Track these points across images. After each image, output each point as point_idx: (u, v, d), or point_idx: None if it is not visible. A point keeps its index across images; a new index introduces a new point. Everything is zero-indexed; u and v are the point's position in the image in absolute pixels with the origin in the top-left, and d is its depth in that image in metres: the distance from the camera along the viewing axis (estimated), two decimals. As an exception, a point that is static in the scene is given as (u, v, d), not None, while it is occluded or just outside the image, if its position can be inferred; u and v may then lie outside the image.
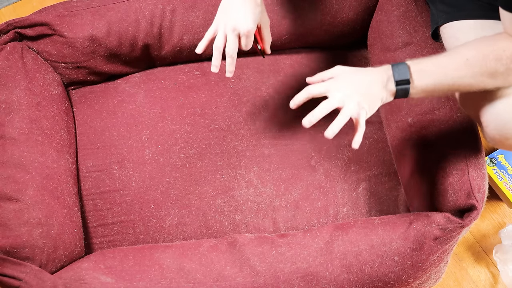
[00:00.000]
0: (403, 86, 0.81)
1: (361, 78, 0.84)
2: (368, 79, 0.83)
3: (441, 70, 0.81)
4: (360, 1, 1.17)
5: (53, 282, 0.83)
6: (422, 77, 0.81)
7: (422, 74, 0.81)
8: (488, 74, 0.79)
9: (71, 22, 1.08)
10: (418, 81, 0.81)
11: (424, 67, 0.82)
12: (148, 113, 1.14)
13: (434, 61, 0.82)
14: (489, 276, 1.23)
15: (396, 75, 0.81)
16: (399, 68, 0.81)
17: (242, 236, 0.95)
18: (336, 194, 1.08)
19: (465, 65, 0.79)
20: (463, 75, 0.80)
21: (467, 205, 0.89)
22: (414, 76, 0.81)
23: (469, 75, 0.79)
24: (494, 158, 1.31)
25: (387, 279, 0.90)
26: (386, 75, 0.82)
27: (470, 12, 0.95)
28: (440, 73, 0.81)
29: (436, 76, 0.81)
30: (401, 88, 0.81)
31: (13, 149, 0.93)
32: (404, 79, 0.81)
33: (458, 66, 0.80)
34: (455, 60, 0.81)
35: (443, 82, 0.81)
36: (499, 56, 0.78)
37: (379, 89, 0.82)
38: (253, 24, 0.90)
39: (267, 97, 1.18)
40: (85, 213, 1.05)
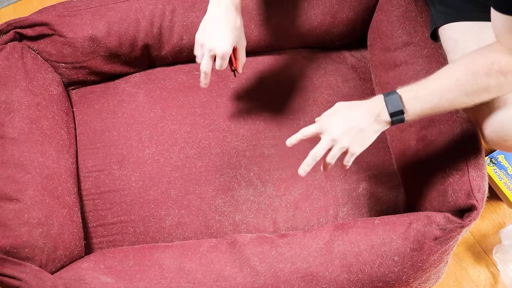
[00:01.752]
0: (397, 116, 0.83)
1: (354, 115, 0.86)
2: (361, 115, 0.85)
3: (434, 94, 0.81)
4: (360, 1, 1.17)
5: (53, 282, 0.83)
6: (415, 104, 0.82)
7: (415, 102, 0.82)
8: (481, 90, 0.79)
9: (71, 22, 1.08)
10: (412, 109, 0.82)
11: (416, 94, 0.82)
12: (148, 113, 1.14)
13: (425, 86, 0.82)
14: (489, 276, 1.23)
15: (389, 107, 0.83)
16: (391, 99, 0.83)
17: (242, 236, 0.95)
18: (336, 194, 1.08)
19: (457, 85, 0.80)
20: (456, 96, 0.80)
21: (467, 205, 0.89)
22: (407, 105, 0.82)
23: (462, 95, 0.80)
24: (494, 158, 1.31)
25: (387, 279, 0.90)
26: (378, 108, 0.84)
27: (468, 13, 0.95)
28: (433, 97, 0.81)
29: (430, 101, 0.81)
30: (396, 118, 0.83)
31: (13, 149, 0.93)
32: (398, 110, 0.82)
33: (449, 87, 0.80)
34: (446, 82, 0.81)
35: (438, 106, 0.82)
36: (488, 71, 0.77)
37: (371, 123, 0.85)
38: (229, 47, 0.94)
39: (267, 97, 1.18)
40: (85, 213, 1.05)
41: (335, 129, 0.86)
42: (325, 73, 1.22)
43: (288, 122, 1.15)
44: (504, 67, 0.77)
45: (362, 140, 0.86)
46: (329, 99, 1.18)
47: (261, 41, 1.20)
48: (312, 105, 1.17)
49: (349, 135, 0.85)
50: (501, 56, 0.77)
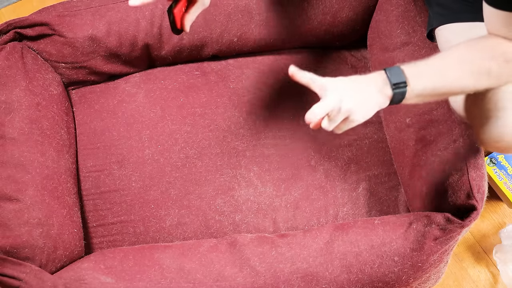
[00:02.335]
0: (400, 89, 0.78)
1: (356, 84, 0.81)
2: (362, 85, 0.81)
3: (437, 71, 0.79)
4: (360, 1, 1.17)
5: (53, 282, 0.83)
6: (418, 79, 0.78)
7: (418, 76, 0.78)
8: (483, 73, 0.77)
9: (71, 22, 1.08)
10: (414, 84, 0.78)
11: (419, 69, 0.79)
12: (148, 113, 1.14)
13: (429, 63, 0.79)
14: (489, 276, 1.23)
15: (392, 79, 0.78)
16: (393, 71, 0.78)
17: (242, 236, 0.95)
18: (336, 194, 1.08)
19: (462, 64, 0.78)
20: (459, 76, 0.78)
21: (467, 205, 0.89)
22: (411, 79, 0.78)
23: (466, 75, 0.78)
24: (494, 158, 1.31)
25: (387, 279, 0.90)
26: (380, 80, 0.79)
27: (463, 14, 0.95)
28: (436, 74, 0.78)
29: (434, 78, 0.78)
30: (398, 91, 0.78)
31: (13, 149, 0.93)
32: (401, 81, 0.78)
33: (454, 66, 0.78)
34: (451, 61, 0.79)
35: (441, 84, 0.79)
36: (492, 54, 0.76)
37: (374, 94, 0.80)
38: None
39: (267, 97, 1.18)
40: (85, 213, 1.05)
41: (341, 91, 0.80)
42: (325, 73, 1.22)
43: (288, 122, 1.15)
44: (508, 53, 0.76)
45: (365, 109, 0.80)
46: (329, 99, 1.18)
47: (261, 41, 1.20)
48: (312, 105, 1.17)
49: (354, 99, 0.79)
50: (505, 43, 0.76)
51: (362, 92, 0.79)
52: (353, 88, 0.80)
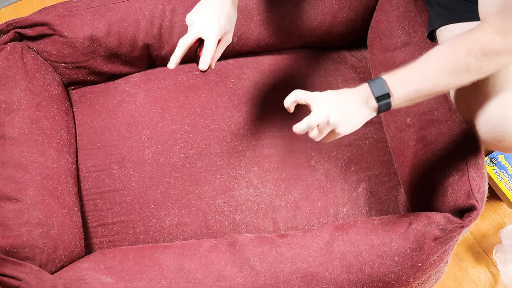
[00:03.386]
0: (384, 100, 0.81)
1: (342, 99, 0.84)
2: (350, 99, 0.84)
3: (417, 75, 0.81)
4: (360, 1, 1.17)
5: (53, 282, 0.83)
6: (400, 87, 0.81)
7: (399, 85, 0.81)
8: (461, 69, 0.78)
9: (71, 22, 1.08)
10: (397, 93, 0.81)
11: (400, 77, 0.81)
12: (148, 113, 1.14)
13: (409, 69, 0.82)
14: (489, 276, 1.23)
15: (375, 92, 0.81)
16: (376, 84, 0.81)
17: (242, 236, 0.95)
18: (336, 194, 1.08)
19: (438, 65, 0.79)
20: (438, 76, 0.79)
21: (467, 205, 0.89)
22: (392, 88, 0.81)
23: (444, 75, 0.79)
24: (494, 158, 1.31)
25: (387, 279, 0.90)
26: (365, 94, 0.82)
27: (463, 14, 0.95)
28: (416, 78, 0.81)
29: (414, 83, 0.81)
30: (382, 103, 0.82)
31: (13, 149, 0.93)
32: (384, 93, 0.81)
33: (432, 67, 0.80)
34: (428, 63, 0.81)
35: (422, 87, 0.81)
36: (469, 49, 0.77)
37: (359, 105, 0.83)
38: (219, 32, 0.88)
39: (267, 97, 1.18)
40: (85, 213, 1.05)
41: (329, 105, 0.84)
42: (325, 73, 1.22)
43: (288, 122, 1.15)
44: (487, 46, 0.77)
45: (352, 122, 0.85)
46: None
47: (261, 41, 1.20)
48: (312, 105, 1.17)
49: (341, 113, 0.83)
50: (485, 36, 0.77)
51: (348, 106, 0.83)
52: (340, 102, 0.84)
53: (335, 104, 0.84)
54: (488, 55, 0.77)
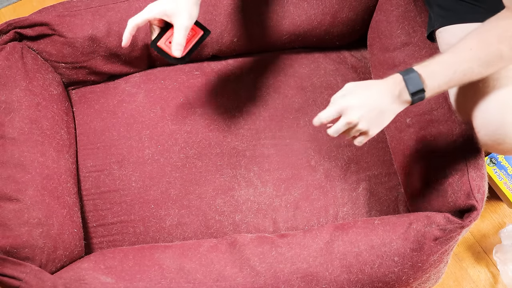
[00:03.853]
0: (418, 95, 0.81)
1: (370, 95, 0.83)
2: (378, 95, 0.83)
3: (449, 67, 0.80)
4: (360, 1, 1.17)
5: (53, 282, 0.83)
6: (433, 80, 0.81)
7: (433, 78, 0.81)
8: (495, 58, 0.79)
9: (71, 22, 1.08)
10: (430, 86, 0.80)
11: (433, 70, 0.81)
12: (148, 113, 1.14)
13: (440, 61, 0.81)
14: (489, 276, 1.23)
15: (410, 87, 0.81)
16: (411, 79, 0.81)
17: (242, 236, 0.95)
18: (336, 194, 1.08)
19: (471, 55, 0.79)
20: (470, 66, 0.79)
21: (467, 206, 0.89)
22: (427, 81, 0.80)
23: (477, 65, 0.79)
24: (494, 158, 1.31)
25: (387, 280, 0.90)
26: (397, 88, 0.81)
27: (464, 15, 0.95)
28: (449, 70, 0.80)
29: (446, 74, 0.80)
30: (417, 97, 0.81)
31: (13, 149, 0.93)
32: (419, 89, 0.80)
33: (464, 58, 0.79)
34: (461, 54, 0.80)
35: (454, 78, 0.80)
36: (500, 38, 0.77)
37: (390, 104, 0.82)
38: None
39: (267, 97, 1.18)
40: (85, 213, 1.05)
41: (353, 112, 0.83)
42: (325, 73, 1.22)
43: (288, 122, 1.15)
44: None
45: (381, 121, 0.84)
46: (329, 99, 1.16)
47: (261, 41, 1.20)
48: (312, 105, 1.17)
49: (367, 118, 0.83)
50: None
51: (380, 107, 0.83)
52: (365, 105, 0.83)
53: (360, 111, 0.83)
54: None
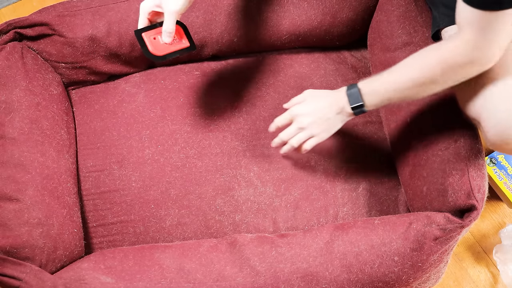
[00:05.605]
0: (358, 109, 0.94)
1: (321, 105, 0.98)
2: (327, 106, 0.97)
3: (389, 85, 0.90)
4: (360, 1, 1.17)
5: (53, 282, 0.83)
6: (373, 96, 0.92)
7: (373, 94, 0.92)
8: (428, 81, 0.85)
9: (71, 22, 1.08)
10: (370, 101, 0.92)
11: (374, 87, 0.92)
12: (148, 113, 1.14)
13: (382, 78, 0.91)
14: (489, 276, 1.23)
15: (350, 101, 0.94)
16: (352, 94, 0.94)
17: (242, 236, 0.95)
18: (336, 194, 1.08)
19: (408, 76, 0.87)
20: (408, 87, 0.87)
21: (467, 205, 0.89)
22: (366, 98, 0.92)
23: (413, 85, 0.87)
24: (494, 158, 1.31)
25: (387, 279, 0.90)
26: (342, 101, 0.95)
27: None
28: (388, 88, 0.90)
29: (385, 93, 0.90)
30: (357, 110, 0.95)
31: (13, 149, 0.93)
32: (359, 104, 0.93)
33: (402, 78, 0.88)
34: (399, 73, 0.89)
35: (394, 96, 0.90)
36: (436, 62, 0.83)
37: (336, 114, 0.97)
38: None
39: (267, 97, 1.18)
40: (85, 213, 1.05)
41: (304, 117, 0.98)
42: (325, 73, 1.22)
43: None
44: (452, 59, 0.81)
45: (329, 128, 0.99)
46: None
47: (261, 41, 1.20)
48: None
49: (317, 124, 0.97)
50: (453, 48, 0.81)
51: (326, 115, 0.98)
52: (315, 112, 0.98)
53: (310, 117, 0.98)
54: (453, 67, 0.82)
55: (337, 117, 0.97)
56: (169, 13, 0.89)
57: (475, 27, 0.77)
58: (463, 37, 0.80)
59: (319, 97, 1.00)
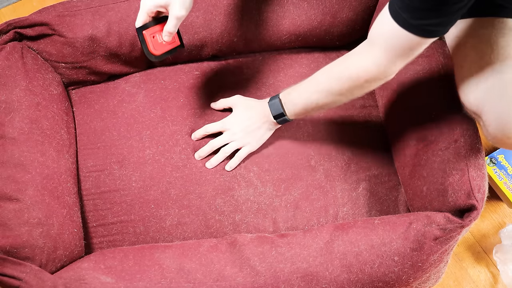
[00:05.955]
0: (281, 118, 1.01)
1: (248, 115, 1.05)
2: (254, 116, 1.04)
3: (303, 96, 0.96)
4: (360, 1, 1.17)
5: (53, 282, 0.83)
6: (291, 106, 0.99)
7: (291, 104, 0.99)
8: (335, 93, 0.91)
9: (71, 22, 1.08)
10: (289, 111, 0.99)
11: (292, 98, 0.98)
12: (148, 113, 1.14)
13: (297, 89, 0.97)
14: (489, 276, 1.23)
15: (272, 111, 1.01)
16: (273, 104, 1.01)
17: (242, 236, 0.95)
18: (336, 194, 1.08)
19: (318, 87, 0.93)
20: (319, 97, 0.93)
21: (467, 205, 0.89)
22: (286, 107, 0.99)
23: (323, 96, 0.93)
24: (494, 158, 1.31)
25: (387, 279, 0.90)
26: (267, 111, 1.02)
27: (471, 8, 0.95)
28: (303, 98, 0.96)
29: (302, 102, 0.97)
30: (280, 120, 1.02)
31: (13, 149, 0.93)
32: (279, 113, 1.00)
33: (313, 89, 0.94)
34: (311, 84, 0.95)
35: (309, 106, 0.96)
36: (342, 75, 0.88)
37: (261, 124, 1.04)
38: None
39: (267, 97, 1.18)
40: (85, 213, 1.05)
41: (236, 126, 1.05)
42: (325, 73, 1.22)
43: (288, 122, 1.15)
44: (357, 73, 0.85)
45: (259, 137, 1.06)
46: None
47: (261, 41, 1.20)
48: (312, 105, 1.17)
49: (247, 132, 1.04)
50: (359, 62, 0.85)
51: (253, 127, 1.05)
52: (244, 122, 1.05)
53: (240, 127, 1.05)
54: (359, 80, 0.86)
55: (264, 126, 1.04)
56: (175, 17, 0.90)
57: (390, 46, 0.79)
58: (373, 54, 0.82)
59: (248, 107, 1.06)
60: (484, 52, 0.87)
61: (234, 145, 1.06)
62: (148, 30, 0.94)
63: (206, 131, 1.08)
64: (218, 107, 1.12)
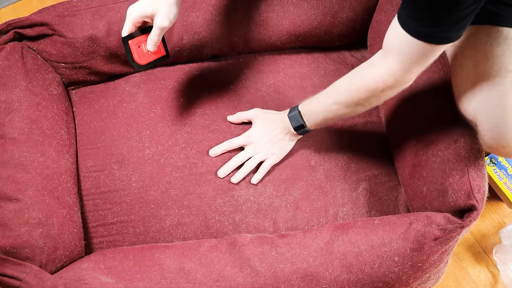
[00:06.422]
0: (301, 129, 1.02)
1: (270, 128, 1.05)
2: (276, 128, 1.05)
3: (322, 107, 0.97)
4: (360, 1, 1.17)
5: (53, 282, 0.83)
6: (311, 117, 1.00)
7: (311, 115, 1.00)
8: (354, 103, 0.91)
9: (71, 22, 1.08)
10: (309, 122, 1.01)
11: (311, 109, 0.99)
12: (148, 113, 1.14)
13: (317, 100, 0.98)
14: (489, 276, 1.23)
15: (292, 124, 1.02)
16: (293, 116, 1.02)
17: (242, 236, 0.95)
18: (336, 194, 1.08)
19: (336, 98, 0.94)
20: (338, 108, 0.94)
21: (467, 206, 0.89)
22: (306, 119, 1.00)
23: (342, 107, 0.94)
24: (494, 158, 1.31)
25: (387, 280, 0.90)
26: (287, 123, 1.03)
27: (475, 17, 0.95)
28: (322, 110, 0.97)
29: (321, 113, 0.98)
30: (300, 131, 1.03)
31: (13, 149, 0.93)
32: (300, 125, 1.01)
33: (331, 100, 0.95)
34: (329, 96, 0.96)
35: (328, 116, 0.97)
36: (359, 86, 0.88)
37: (283, 136, 1.05)
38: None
39: (267, 97, 1.18)
40: (85, 213, 1.05)
41: (259, 140, 1.05)
42: (325, 73, 1.22)
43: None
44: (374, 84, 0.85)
45: (281, 150, 1.06)
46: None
47: (261, 41, 1.20)
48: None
49: (270, 145, 1.05)
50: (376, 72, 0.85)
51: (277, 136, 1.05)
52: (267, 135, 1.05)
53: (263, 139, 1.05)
54: (376, 91, 0.86)
55: (285, 138, 1.05)
56: (159, 27, 0.91)
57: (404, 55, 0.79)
58: (388, 64, 0.82)
59: (268, 119, 1.06)
60: (479, 61, 0.87)
61: (259, 157, 1.05)
62: (134, 40, 0.95)
63: (229, 146, 1.06)
64: (235, 120, 1.11)
